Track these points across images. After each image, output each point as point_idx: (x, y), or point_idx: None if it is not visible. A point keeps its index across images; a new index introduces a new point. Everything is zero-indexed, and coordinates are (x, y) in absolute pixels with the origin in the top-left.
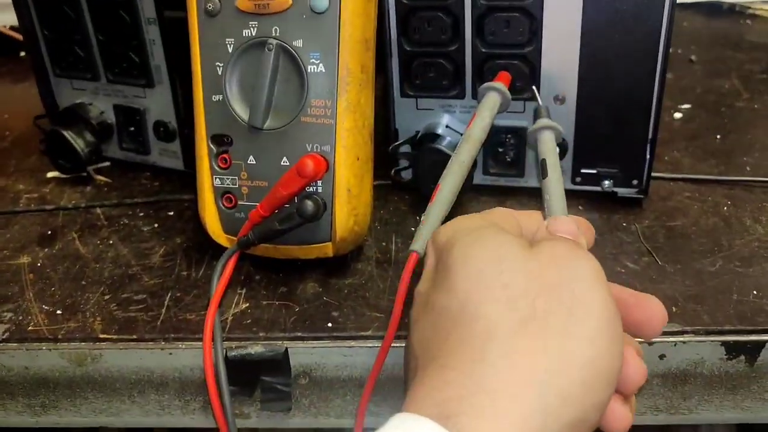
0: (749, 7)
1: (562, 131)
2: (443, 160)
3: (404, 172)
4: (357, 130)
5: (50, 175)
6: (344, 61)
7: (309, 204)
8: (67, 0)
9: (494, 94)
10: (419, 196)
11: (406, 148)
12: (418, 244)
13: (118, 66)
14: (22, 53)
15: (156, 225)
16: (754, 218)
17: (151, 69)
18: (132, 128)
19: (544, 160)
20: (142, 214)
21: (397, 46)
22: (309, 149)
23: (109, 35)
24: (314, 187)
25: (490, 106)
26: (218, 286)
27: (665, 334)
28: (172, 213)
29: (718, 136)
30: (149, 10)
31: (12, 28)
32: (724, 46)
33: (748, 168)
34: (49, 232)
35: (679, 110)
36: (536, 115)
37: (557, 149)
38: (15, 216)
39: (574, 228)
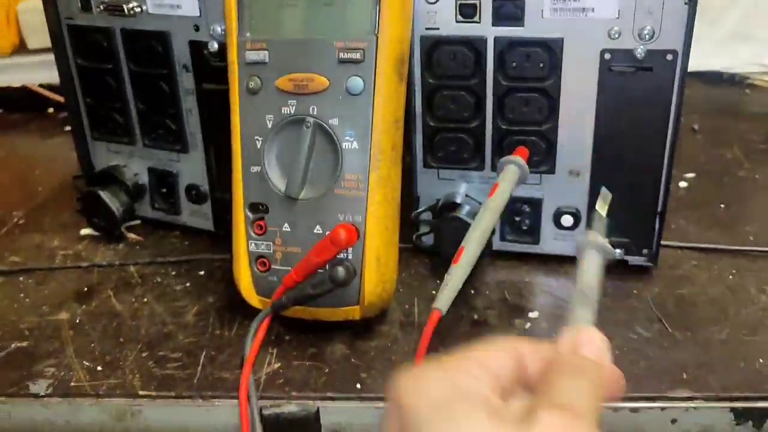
0: (748, 77)
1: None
2: (463, 227)
3: (425, 237)
4: (386, 203)
5: (84, 232)
6: (377, 140)
7: (341, 270)
8: (109, 70)
9: (514, 167)
10: (440, 260)
11: (427, 215)
12: (440, 303)
13: (155, 132)
14: (50, 109)
15: (188, 284)
16: (759, 288)
17: (186, 136)
18: (164, 190)
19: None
20: (174, 273)
21: (421, 121)
22: (342, 219)
23: (148, 104)
24: (345, 254)
25: (510, 178)
26: (252, 347)
27: (677, 399)
28: (203, 272)
29: (722, 206)
30: (188, 82)
31: (41, 85)
32: (725, 115)
33: (750, 237)
34: (86, 289)
35: (684, 179)
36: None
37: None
38: (52, 272)
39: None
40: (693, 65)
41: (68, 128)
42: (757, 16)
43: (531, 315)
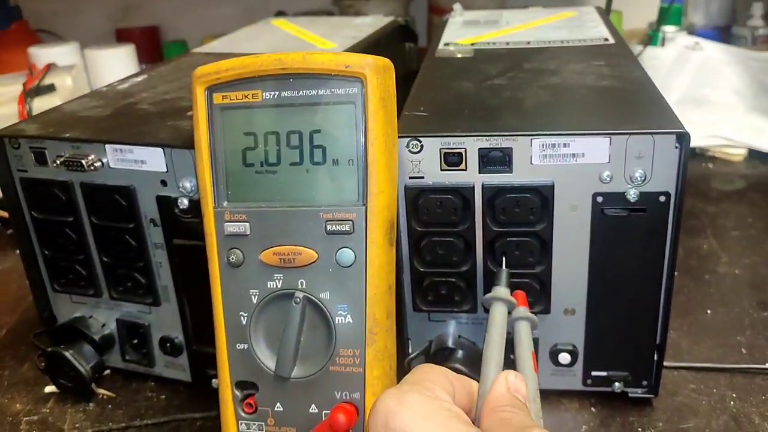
0: (708, 150)
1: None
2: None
3: None
4: (386, 376)
5: (48, 390)
6: (371, 312)
7: None
8: (69, 223)
9: (525, 324)
10: None
11: (419, 361)
12: None
13: (122, 285)
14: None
15: None
16: (761, 415)
17: (157, 289)
18: (135, 341)
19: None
20: None
21: (409, 266)
22: (338, 397)
23: (113, 257)
24: None
25: (527, 342)
26: None
27: None
28: None
29: (708, 311)
30: (157, 236)
31: None
32: (694, 196)
33: (743, 350)
34: None
35: None
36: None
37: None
38: None
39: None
40: None
41: (18, 251)
42: (705, 77)
43: None
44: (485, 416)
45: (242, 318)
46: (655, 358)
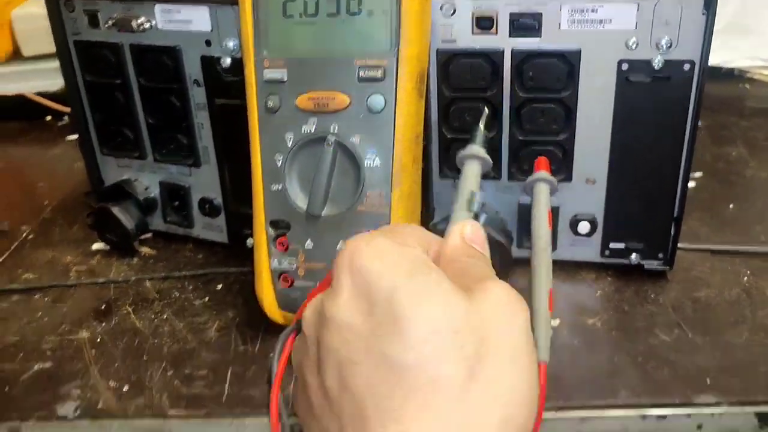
0: (746, 72)
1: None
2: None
3: None
4: (408, 218)
5: (96, 247)
6: (398, 156)
7: None
8: (118, 85)
9: (544, 185)
10: None
11: (443, 226)
12: (543, 354)
13: (166, 147)
14: (48, 117)
15: (207, 298)
16: None
17: (198, 150)
18: (177, 203)
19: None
20: (191, 287)
21: (437, 132)
22: None
23: (158, 119)
24: None
25: (544, 201)
26: (280, 364)
27: (702, 405)
28: (220, 286)
29: (731, 206)
30: (199, 96)
31: (38, 93)
32: (727, 111)
33: (762, 237)
34: (104, 306)
35: (692, 179)
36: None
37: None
38: (68, 289)
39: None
40: None
41: (69, 138)
42: (754, 8)
43: (553, 323)
44: (442, 268)
45: (277, 161)
46: (672, 231)
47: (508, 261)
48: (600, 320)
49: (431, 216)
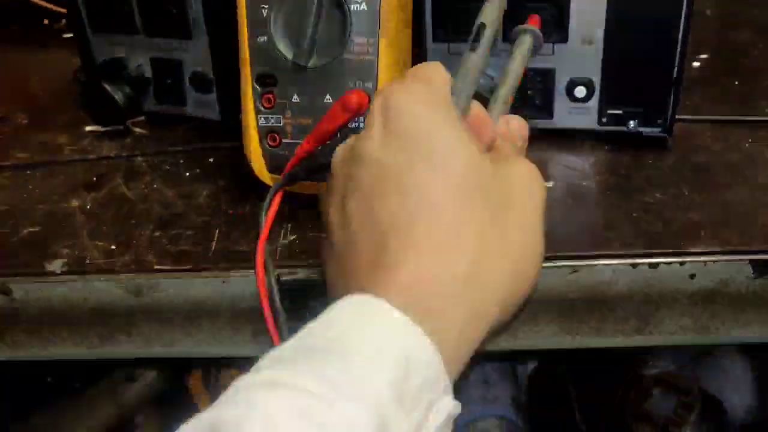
0: None
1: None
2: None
3: None
4: (397, 67)
5: (88, 128)
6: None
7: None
8: None
9: (528, 36)
10: None
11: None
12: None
13: (156, 19)
14: (46, 21)
15: (198, 170)
16: None
17: (189, 21)
18: (169, 80)
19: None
20: (183, 161)
21: None
22: (351, 86)
23: None
24: (356, 123)
25: (525, 49)
26: (267, 217)
27: (695, 254)
28: (212, 160)
29: (736, 82)
30: None
31: None
32: (739, 2)
33: (767, 110)
34: (95, 179)
35: (697, 59)
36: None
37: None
38: (60, 165)
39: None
40: None
41: (66, 36)
42: None
43: (547, 184)
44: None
45: (263, 10)
46: (672, 94)
47: None
48: (595, 182)
49: None
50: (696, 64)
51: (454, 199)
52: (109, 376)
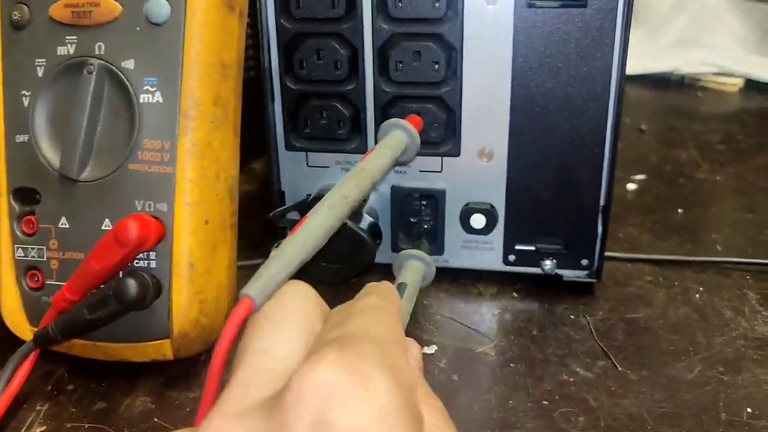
0: (699, 80)
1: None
2: (350, 237)
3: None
4: (206, 183)
5: None
6: (189, 89)
7: (130, 284)
8: None
9: (400, 132)
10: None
11: (294, 216)
12: (253, 288)
13: None
14: None
15: None
16: (735, 309)
17: None
18: None
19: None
20: None
21: (279, 85)
22: (138, 207)
23: None
24: (146, 262)
25: (393, 144)
26: (2, 399)
27: None
28: None
29: (680, 210)
30: None
31: None
32: (678, 116)
33: (718, 247)
34: None
35: (632, 181)
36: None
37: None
38: None
39: None
40: (639, 68)
41: None
42: (703, 21)
43: (426, 350)
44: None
45: (24, 98)
46: (599, 226)
47: (368, 261)
48: (495, 348)
49: (278, 201)
50: (631, 186)
51: None
52: None
